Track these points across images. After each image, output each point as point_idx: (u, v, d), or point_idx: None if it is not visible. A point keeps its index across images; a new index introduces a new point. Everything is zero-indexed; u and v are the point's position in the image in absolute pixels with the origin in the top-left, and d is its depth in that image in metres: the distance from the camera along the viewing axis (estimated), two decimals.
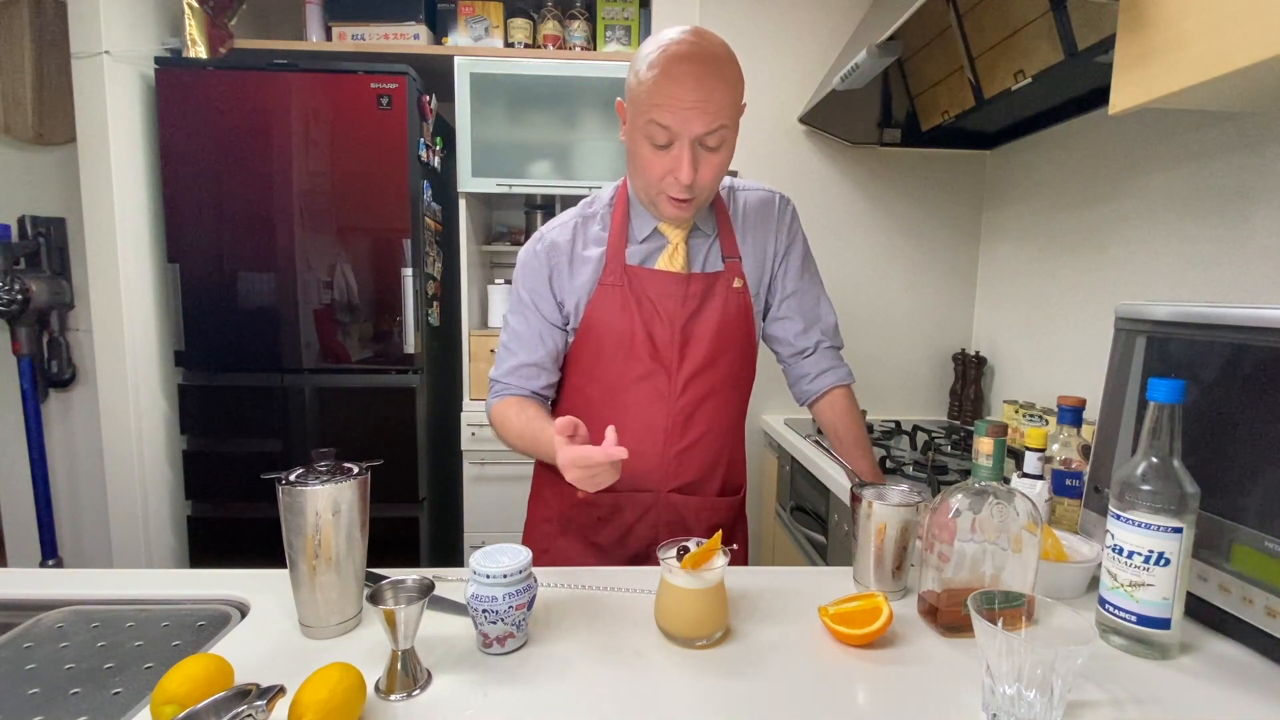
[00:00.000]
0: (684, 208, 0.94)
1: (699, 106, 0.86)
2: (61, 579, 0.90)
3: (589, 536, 1.05)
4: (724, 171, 0.94)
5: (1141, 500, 0.69)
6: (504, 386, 1.05)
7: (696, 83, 0.85)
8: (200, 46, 1.93)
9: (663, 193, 0.93)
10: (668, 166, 0.90)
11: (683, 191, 0.91)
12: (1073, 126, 1.69)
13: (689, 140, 0.88)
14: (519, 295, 1.05)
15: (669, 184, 0.91)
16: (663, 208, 0.96)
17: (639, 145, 0.92)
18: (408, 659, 0.64)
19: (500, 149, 2.04)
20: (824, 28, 2.07)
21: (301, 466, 0.73)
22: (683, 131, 0.87)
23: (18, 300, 1.95)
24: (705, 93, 0.86)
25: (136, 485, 1.94)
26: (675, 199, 0.93)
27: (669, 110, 0.86)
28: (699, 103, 0.86)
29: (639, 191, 0.99)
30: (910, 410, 2.21)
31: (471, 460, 2.06)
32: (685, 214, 0.96)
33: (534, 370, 1.04)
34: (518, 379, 1.04)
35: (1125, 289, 1.52)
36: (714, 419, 1.03)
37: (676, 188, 0.91)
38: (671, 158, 0.89)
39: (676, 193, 0.92)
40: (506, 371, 1.05)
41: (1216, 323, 0.76)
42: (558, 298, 1.03)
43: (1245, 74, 0.80)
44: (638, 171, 0.95)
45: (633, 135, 0.93)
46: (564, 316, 1.04)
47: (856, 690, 0.66)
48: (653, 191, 0.95)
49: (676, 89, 0.86)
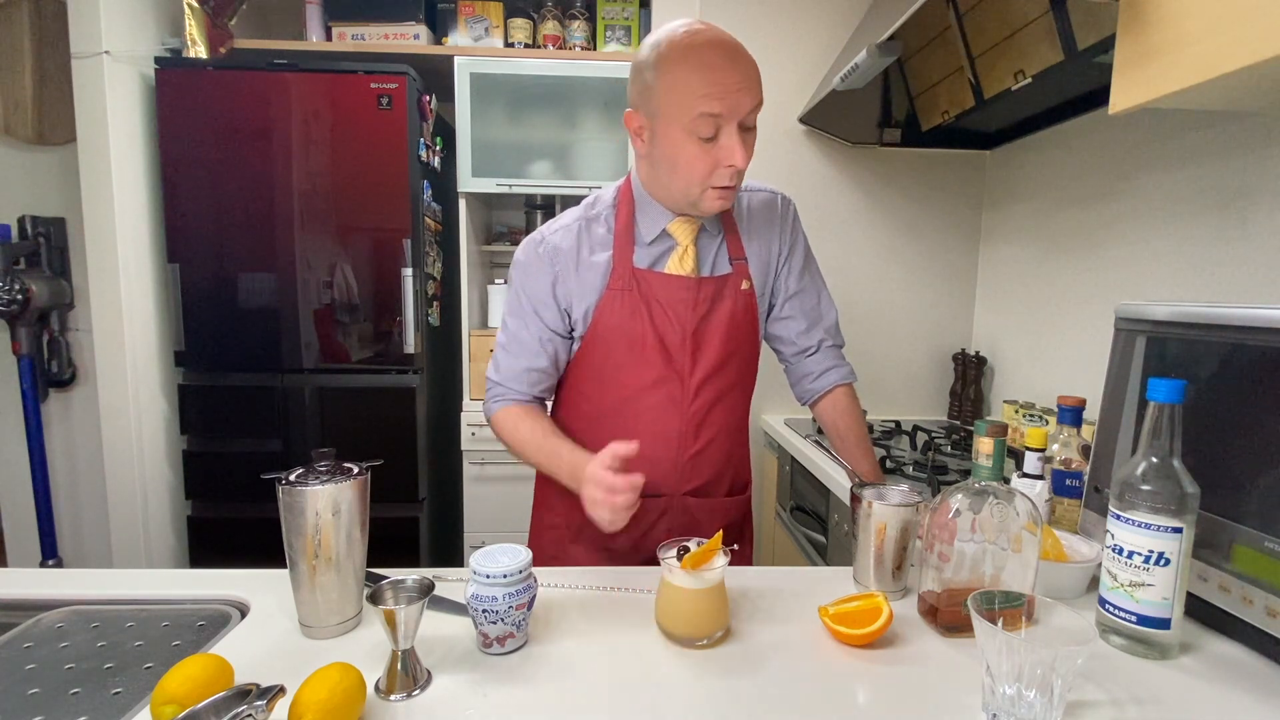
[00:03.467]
0: (730, 195, 0.93)
1: (744, 86, 0.86)
2: (61, 579, 0.90)
3: (603, 543, 1.02)
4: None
5: (1141, 500, 0.69)
6: (505, 390, 1.04)
7: (733, 63, 0.86)
8: (200, 46, 1.93)
9: (710, 187, 0.91)
10: (716, 158, 0.88)
11: (735, 178, 0.90)
12: (1073, 126, 1.69)
13: (736, 124, 0.87)
14: (518, 297, 1.03)
15: (720, 175, 0.90)
16: (708, 204, 0.93)
17: (681, 146, 0.89)
18: (408, 659, 0.64)
19: (500, 149, 2.04)
20: (824, 28, 2.07)
21: (301, 466, 0.73)
22: (732, 115, 0.86)
23: (18, 300, 1.95)
24: (744, 69, 0.86)
25: (136, 485, 1.94)
26: (724, 188, 0.91)
27: (717, 98, 0.85)
28: (743, 82, 0.86)
29: (679, 194, 0.94)
30: (910, 410, 2.21)
31: (471, 460, 2.06)
32: (729, 203, 0.95)
33: (536, 375, 1.03)
34: (519, 384, 1.03)
35: (1125, 289, 1.52)
36: (724, 421, 1.03)
37: (728, 175, 0.90)
38: (720, 148, 0.88)
39: (728, 181, 0.90)
40: (507, 375, 1.03)
41: (1216, 323, 0.76)
42: (562, 305, 1.00)
43: (1245, 74, 0.80)
44: (679, 173, 0.91)
45: (669, 137, 0.89)
46: (569, 324, 1.02)
47: (856, 690, 0.66)
48: (697, 191, 0.92)
49: (718, 75, 0.85)
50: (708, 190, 0.92)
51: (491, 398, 1.05)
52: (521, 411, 1.02)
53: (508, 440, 1.03)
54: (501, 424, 1.03)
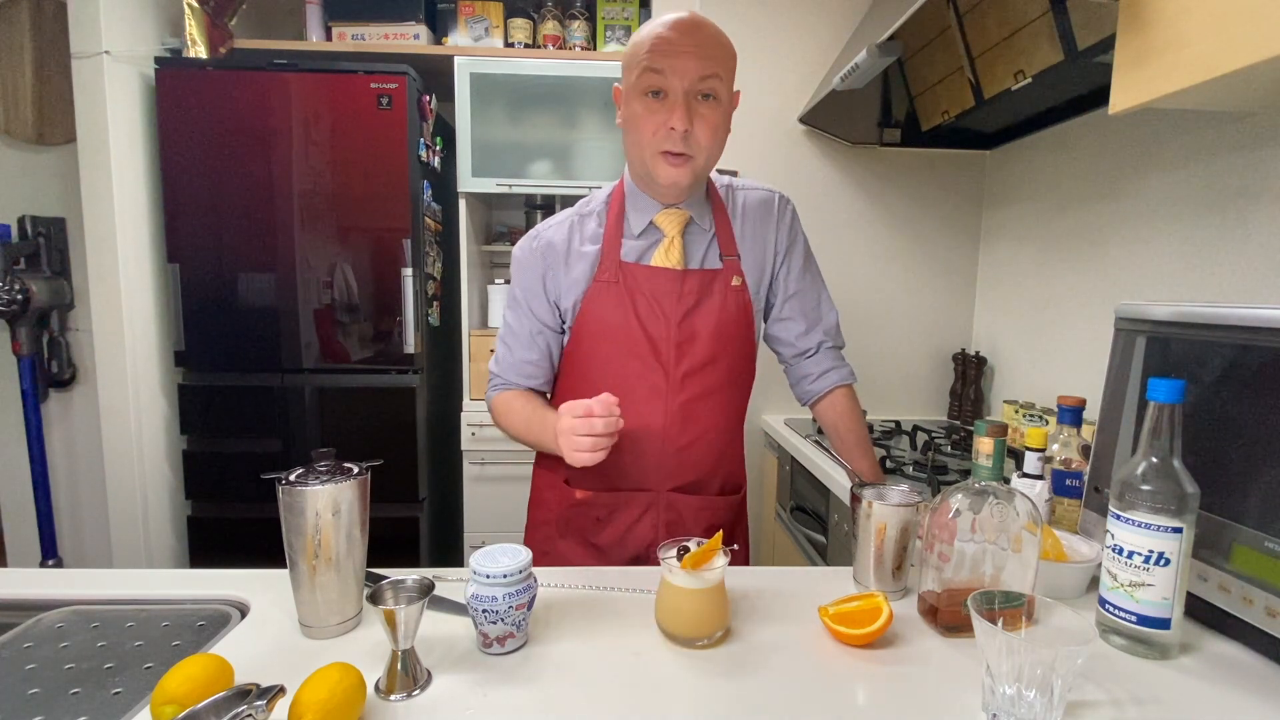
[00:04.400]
0: (680, 164, 0.93)
1: (693, 51, 0.89)
2: (61, 579, 0.90)
3: (589, 538, 1.04)
4: (720, 137, 0.94)
5: (1141, 500, 0.69)
6: (503, 381, 1.09)
7: (686, 33, 0.90)
8: (200, 46, 1.93)
9: (658, 151, 0.93)
10: (661, 119, 0.91)
11: (678, 144, 0.91)
12: (1073, 126, 1.69)
13: (683, 90, 0.90)
14: (514, 292, 1.07)
15: (663, 138, 0.91)
16: (659, 170, 0.94)
17: (631, 104, 0.94)
18: (408, 659, 0.64)
19: (500, 149, 2.04)
20: (824, 28, 2.07)
21: (301, 466, 0.73)
22: (675, 74, 0.89)
23: (18, 300, 1.95)
24: (697, 39, 0.89)
25: (136, 485, 1.94)
26: (670, 154, 0.92)
27: (661, 54, 0.89)
28: (692, 47, 0.89)
29: (636, 163, 0.98)
30: (910, 410, 2.21)
31: (471, 460, 2.06)
32: (682, 174, 0.93)
33: (530, 368, 1.07)
34: (515, 375, 1.07)
35: (1125, 289, 1.52)
36: (713, 418, 1.03)
37: (671, 139, 0.91)
38: (665, 108, 0.91)
39: (671, 145, 0.91)
40: (505, 367, 1.08)
41: (1216, 323, 0.76)
42: (551, 297, 1.03)
43: (1245, 74, 0.80)
44: (632, 135, 0.96)
45: (628, 99, 0.95)
46: (559, 316, 1.04)
47: (856, 690, 0.66)
48: (648, 153, 0.94)
49: (669, 34, 0.90)
50: (657, 155, 0.93)
51: (491, 387, 1.10)
52: (514, 394, 1.07)
53: (502, 421, 1.07)
54: (497, 407, 1.08)
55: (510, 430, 1.06)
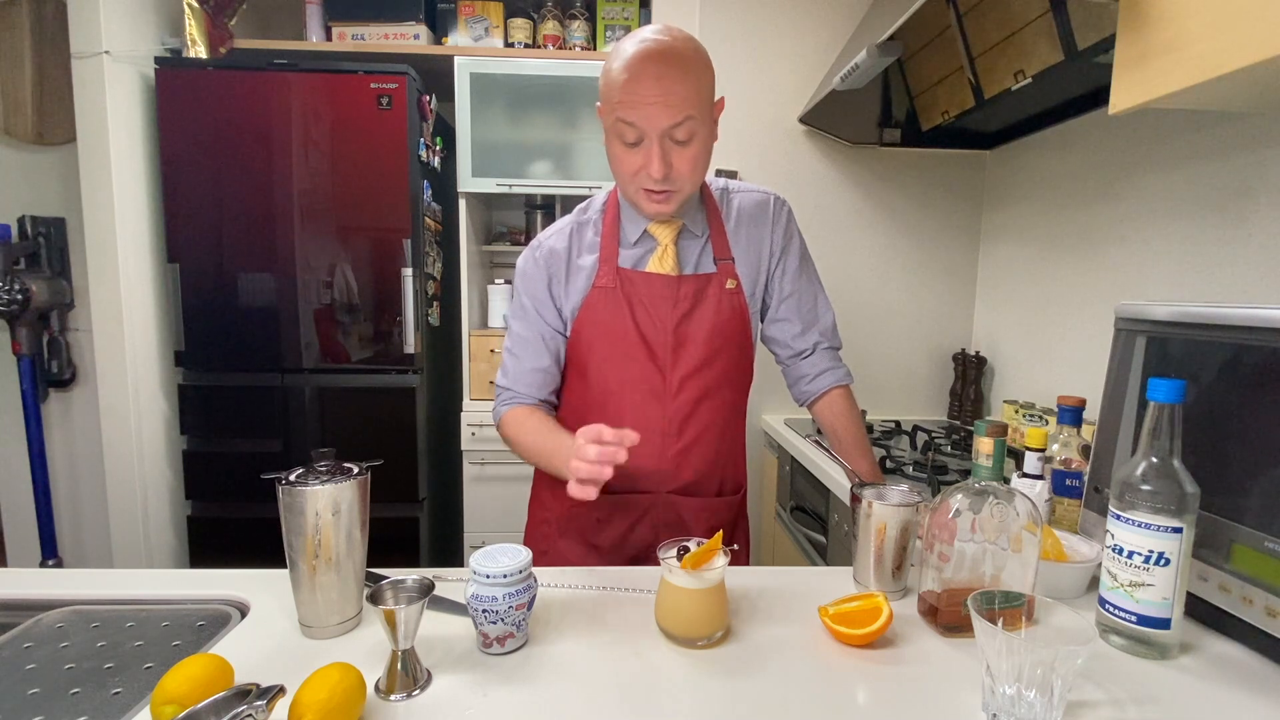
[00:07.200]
0: (662, 200, 0.95)
1: (661, 101, 0.88)
2: (61, 579, 0.90)
3: (589, 538, 1.05)
4: (702, 164, 0.95)
5: (1141, 500, 0.69)
6: (513, 394, 1.06)
7: (656, 79, 0.88)
8: (200, 46, 1.93)
9: (640, 189, 0.95)
10: (639, 163, 0.92)
11: (657, 185, 0.92)
12: (1073, 126, 1.69)
13: (656, 136, 0.89)
14: (521, 302, 1.06)
15: (643, 179, 0.93)
16: (642, 204, 0.96)
17: (612, 144, 0.94)
18: (408, 659, 0.64)
19: (500, 149, 2.04)
20: (824, 28, 2.07)
21: (301, 466, 0.73)
22: (649, 127, 0.89)
23: (18, 300, 1.95)
24: (665, 87, 0.88)
25: (136, 485, 1.94)
26: (651, 192, 0.94)
27: (632, 107, 0.88)
28: (660, 97, 0.87)
29: (621, 191, 1.00)
30: (910, 410, 2.21)
31: (471, 460, 2.06)
32: (665, 208, 0.96)
33: (541, 376, 1.06)
34: (525, 386, 1.05)
35: (1125, 289, 1.52)
36: (711, 419, 1.03)
37: (650, 182, 0.92)
38: (642, 153, 0.91)
39: (651, 185, 0.93)
40: (515, 378, 1.06)
41: (1216, 323, 0.76)
42: (556, 304, 1.04)
43: (1245, 74, 0.80)
44: (615, 168, 0.97)
45: (606, 134, 0.95)
46: (564, 322, 1.05)
47: (856, 690, 0.66)
48: (630, 189, 0.96)
49: (637, 86, 0.88)
50: (639, 191, 0.95)
51: (500, 401, 1.08)
52: (526, 412, 1.04)
53: (512, 440, 1.04)
54: (507, 425, 1.05)
55: (523, 452, 1.02)
